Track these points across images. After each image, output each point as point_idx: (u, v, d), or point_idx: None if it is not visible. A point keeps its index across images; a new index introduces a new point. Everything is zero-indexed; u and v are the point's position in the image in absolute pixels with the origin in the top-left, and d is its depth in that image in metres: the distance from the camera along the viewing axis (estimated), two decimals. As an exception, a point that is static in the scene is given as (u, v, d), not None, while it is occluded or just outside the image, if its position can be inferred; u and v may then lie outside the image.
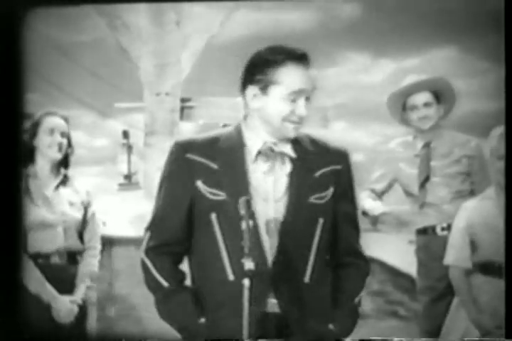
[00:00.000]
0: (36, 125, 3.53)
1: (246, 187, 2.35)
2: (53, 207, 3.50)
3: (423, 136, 3.99)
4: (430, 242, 3.91)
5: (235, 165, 2.38)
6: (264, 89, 2.38)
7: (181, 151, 2.42)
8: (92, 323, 3.66)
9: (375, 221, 4.05)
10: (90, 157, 5.42)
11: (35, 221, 3.46)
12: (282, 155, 2.40)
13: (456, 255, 3.48)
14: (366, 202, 4.06)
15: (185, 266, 2.49)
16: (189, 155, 2.40)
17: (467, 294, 3.44)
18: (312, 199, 2.38)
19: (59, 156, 3.53)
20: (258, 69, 2.38)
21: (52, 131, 3.52)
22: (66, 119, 3.58)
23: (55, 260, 3.48)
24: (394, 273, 6.37)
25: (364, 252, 2.51)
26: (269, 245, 2.34)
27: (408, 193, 4.04)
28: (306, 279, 2.37)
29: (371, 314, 5.65)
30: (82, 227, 3.57)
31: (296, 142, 2.42)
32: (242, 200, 2.24)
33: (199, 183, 2.38)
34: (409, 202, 4.05)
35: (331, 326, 2.41)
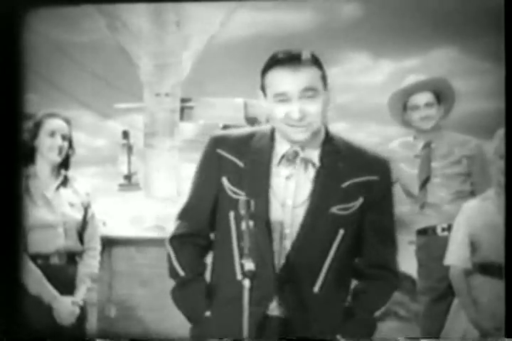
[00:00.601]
0: (38, 126, 3.52)
1: (265, 189, 2.36)
2: (53, 207, 3.50)
3: (423, 137, 3.99)
4: (430, 243, 3.91)
5: (260, 167, 2.38)
6: (264, 92, 2.39)
7: (213, 146, 2.44)
8: (92, 324, 3.66)
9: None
10: (90, 157, 5.41)
11: (36, 221, 3.46)
12: (307, 161, 2.38)
13: (456, 255, 3.48)
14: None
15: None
16: (219, 151, 2.42)
17: (467, 294, 3.44)
18: (334, 209, 2.35)
19: (58, 160, 3.53)
20: (261, 73, 2.40)
21: (53, 134, 3.52)
22: (68, 121, 3.57)
23: (55, 260, 3.48)
24: (394, 274, 6.37)
25: (395, 268, 2.46)
26: (280, 249, 2.35)
27: (408, 193, 4.04)
28: (316, 289, 2.36)
29: (371, 314, 5.64)
30: (82, 228, 3.58)
31: (327, 148, 2.39)
32: (241, 201, 2.25)
33: (224, 180, 2.41)
34: (410, 203, 4.05)
35: (338, 337, 2.39)
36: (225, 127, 5.48)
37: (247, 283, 2.14)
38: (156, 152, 5.39)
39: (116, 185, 5.87)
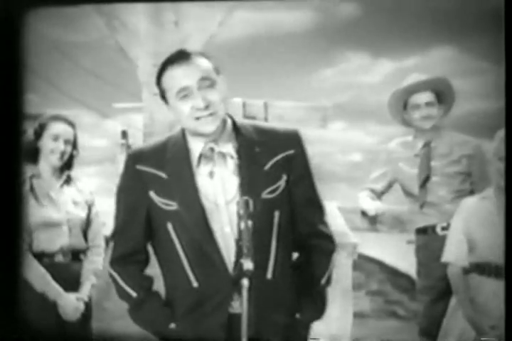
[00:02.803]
0: (42, 128, 3.54)
1: (195, 194, 2.37)
2: (58, 206, 3.52)
3: (423, 136, 3.99)
4: (430, 242, 3.91)
5: (182, 173, 2.40)
6: (165, 100, 2.44)
7: (132, 163, 2.47)
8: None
9: (373, 221, 4.06)
10: (89, 157, 5.41)
11: (40, 220, 3.47)
12: (224, 155, 2.41)
13: (453, 253, 3.48)
14: (365, 201, 4.06)
15: (151, 270, 2.54)
16: (139, 167, 2.44)
17: (464, 292, 3.44)
18: (264, 194, 2.38)
19: (59, 164, 3.55)
20: (157, 82, 2.46)
21: (56, 138, 3.53)
22: (73, 125, 3.59)
23: (59, 259, 3.50)
24: (393, 273, 6.38)
25: (326, 230, 2.49)
26: (227, 249, 2.35)
27: (408, 193, 4.04)
28: (269, 275, 2.37)
29: (370, 314, 5.66)
30: (86, 226, 3.59)
31: (240, 138, 2.42)
32: (240, 200, 2.25)
33: (152, 194, 2.42)
34: (409, 202, 4.05)
35: (297, 315, 2.42)
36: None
37: (245, 282, 2.15)
38: (155, 152, 5.38)
39: (115, 184, 5.87)
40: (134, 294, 2.46)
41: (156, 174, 2.41)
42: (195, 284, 2.37)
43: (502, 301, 3.15)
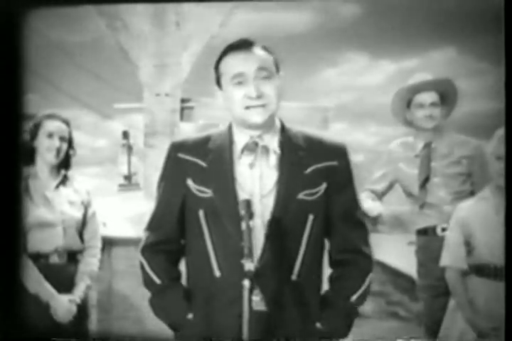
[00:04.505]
0: (37, 127, 3.54)
1: (231, 183, 2.38)
2: (53, 206, 3.51)
3: (423, 137, 3.99)
4: (430, 243, 3.91)
5: (222, 162, 2.41)
6: (219, 85, 2.46)
7: (174, 151, 2.49)
8: (92, 324, 3.66)
9: (374, 221, 4.05)
10: (90, 157, 5.42)
11: (35, 220, 3.47)
12: (267, 149, 2.42)
13: (451, 256, 3.48)
14: (365, 202, 4.06)
15: (182, 266, 2.53)
16: (180, 155, 2.46)
17: (463, 295, 3.43)
18: (301, 195, 2.38)
19: (55, 161, 3.54)
20: (215, 66, 2.48)
21: (51, 135, 3.53)
22: (67, 122, 3.59)
23: (55, 259, 3.49)
24: (394, 274, 6.37)
25: (367, 250, 2.48)
26: (255, 240, 2.32)
27: (408, 194, 4.04)
28: (294, 276, 2.37)
29: (371, 314, 5.65)
30: (82, 227, 3.58)
31: (285, 137, 2.43)
32: (241, 201, 2.26)
33: (189, 181, 2.43)
34: (410, 203, 4.05)
35: (318, 325, 2.40)
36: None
37: (246, 283, 2.14)
38: (156, 152, 5.38)
39: (116, 185, 5.88)
40: (157, 280, 2.45)
41: (197, 162, 2.43)
42: (217, 274, 2.36)
43: (502, 302, 3.15)
